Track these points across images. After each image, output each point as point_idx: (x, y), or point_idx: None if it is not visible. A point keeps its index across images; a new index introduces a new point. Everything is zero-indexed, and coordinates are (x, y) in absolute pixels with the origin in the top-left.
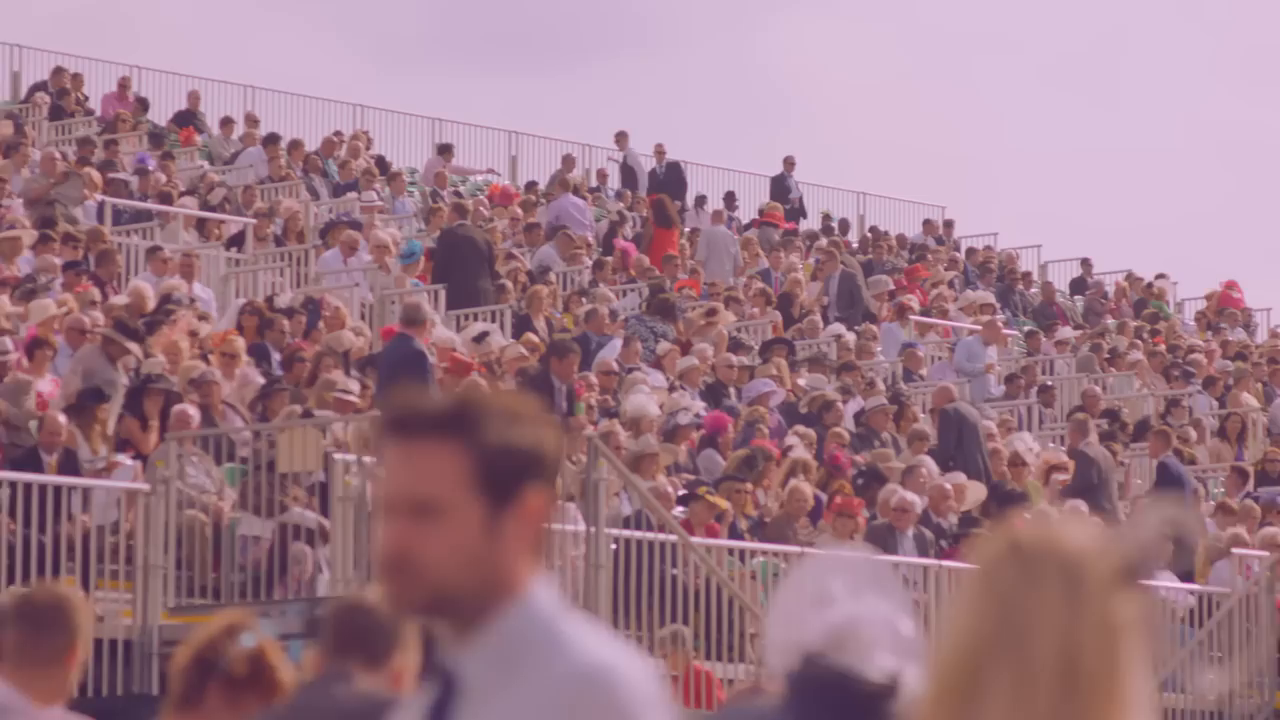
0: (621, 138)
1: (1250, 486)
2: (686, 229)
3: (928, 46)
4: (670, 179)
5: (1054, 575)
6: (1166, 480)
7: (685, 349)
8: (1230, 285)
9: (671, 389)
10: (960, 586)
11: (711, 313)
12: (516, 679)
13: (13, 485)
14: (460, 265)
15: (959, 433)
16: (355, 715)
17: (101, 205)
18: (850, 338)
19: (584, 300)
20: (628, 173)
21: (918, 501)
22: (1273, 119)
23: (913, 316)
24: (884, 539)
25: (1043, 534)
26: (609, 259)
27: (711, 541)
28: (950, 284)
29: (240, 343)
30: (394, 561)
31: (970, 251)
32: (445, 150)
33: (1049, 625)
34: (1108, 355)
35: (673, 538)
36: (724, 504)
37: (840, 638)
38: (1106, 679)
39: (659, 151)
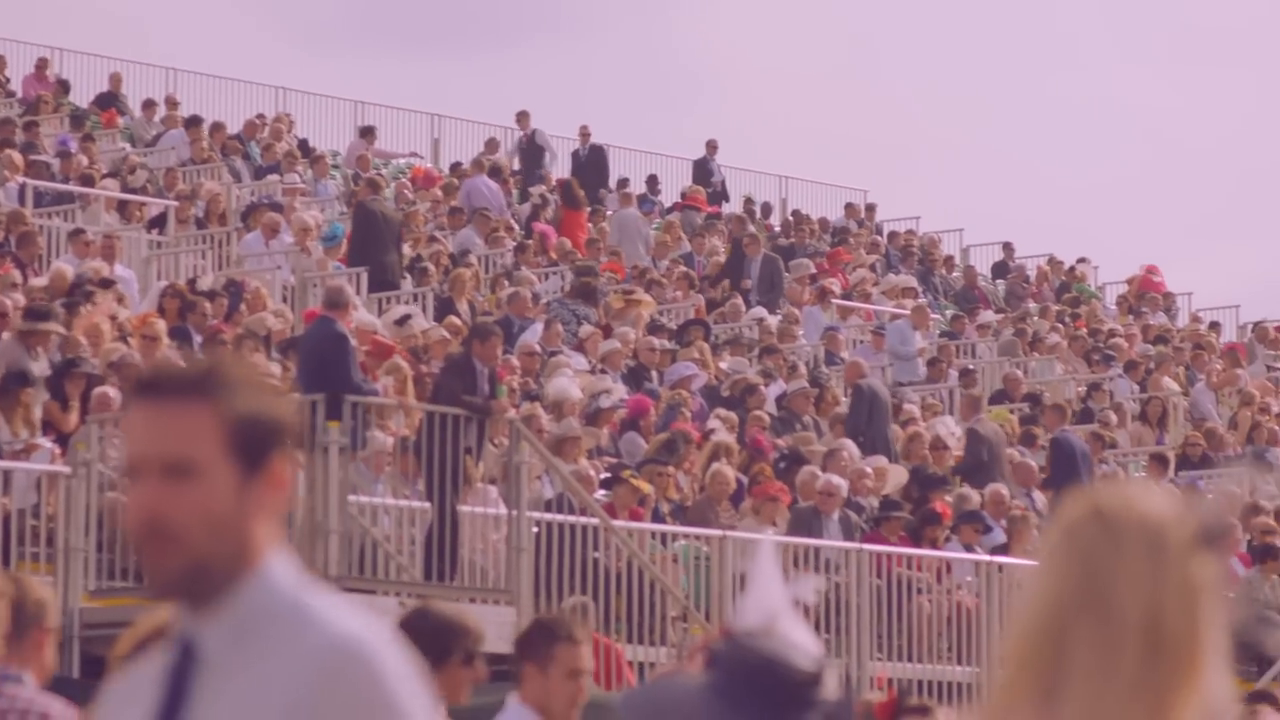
0: (523, 117)
1: (1171, 472)
2: (610, 212)
3: (848, 30)
4: (592, 161)
5: (1137, 538)
6: (1061, 454)
7: (607, 332)
8: (1151, 269)
9: (593, 372)
10: (1043, 549)
11: (629, 293)
12: (262, 652)
13: None
14: (376, 240)
15: (870, 408)
16: None
17: (23, 187)
18: (772, 321)
19: (507, 283)
20: (533, 152)
21: (843, 485)
22: (1195, 104)
23: (834, 300)
24: (809, 522)
25: (1124, 499)
26: (530, 242)
27: (633, 525)
28: (872, 268)
29: (161, 325)
30: (151, 526)
31: (892, 235)
32: (367, 133)
33: (1133, 586)
34: (1030, 339)
35: (594, 521)
36: (647, 487)
37: (764, 620)
38: (1188, 639)
39: (584, 134)
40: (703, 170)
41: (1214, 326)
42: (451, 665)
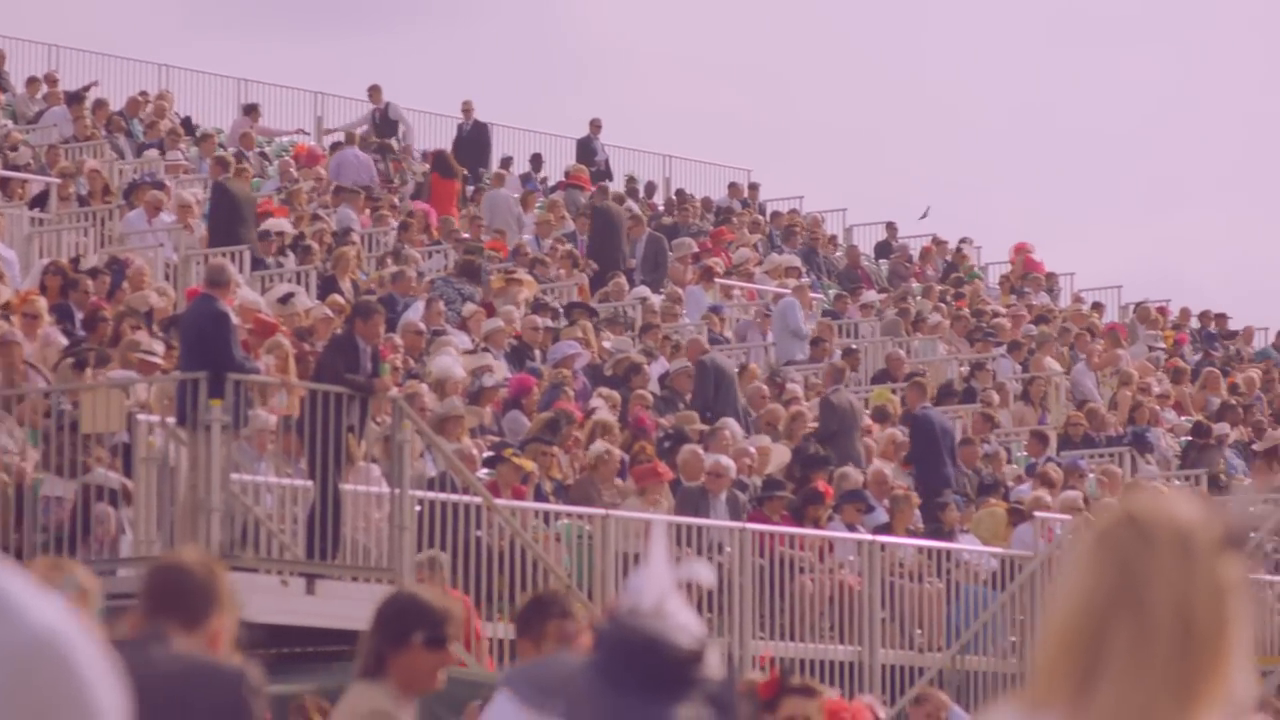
0: (375, 91)
1: (1051, 450)
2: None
3: (731, 9)
4: (475, 138)
5: (1168, 540)
6: (921, 430)
7: (490, 311)
8: (1021, 248)
9: (476, 351)
10: (1077, 551)
11: (510, 273)
12: None
13: None
14: (237, 218)
15: (716, 383)
16: (172, 678)
17: None
18: (656, 300)
19: (392, 261)
20: (387, 126)
21: (732, 466)
22: (1080, 86)
23: (718, 279)
24: (697, 502)
25: (1155, 504)
26: (413, 220)
27: (515, 504)
28: (755, 247)
29: (42, 303)
30: None
31: (775, 215)
32: (251, 110)
33: (1166, 586)
34: (913, 319)
35: (477, 500)
36: (530, 466)
37: (652, 600)
38: (1216, 636)
39: (466, 109)
40: (586, 149)
41: (1096, 307)
42: (412, 648)
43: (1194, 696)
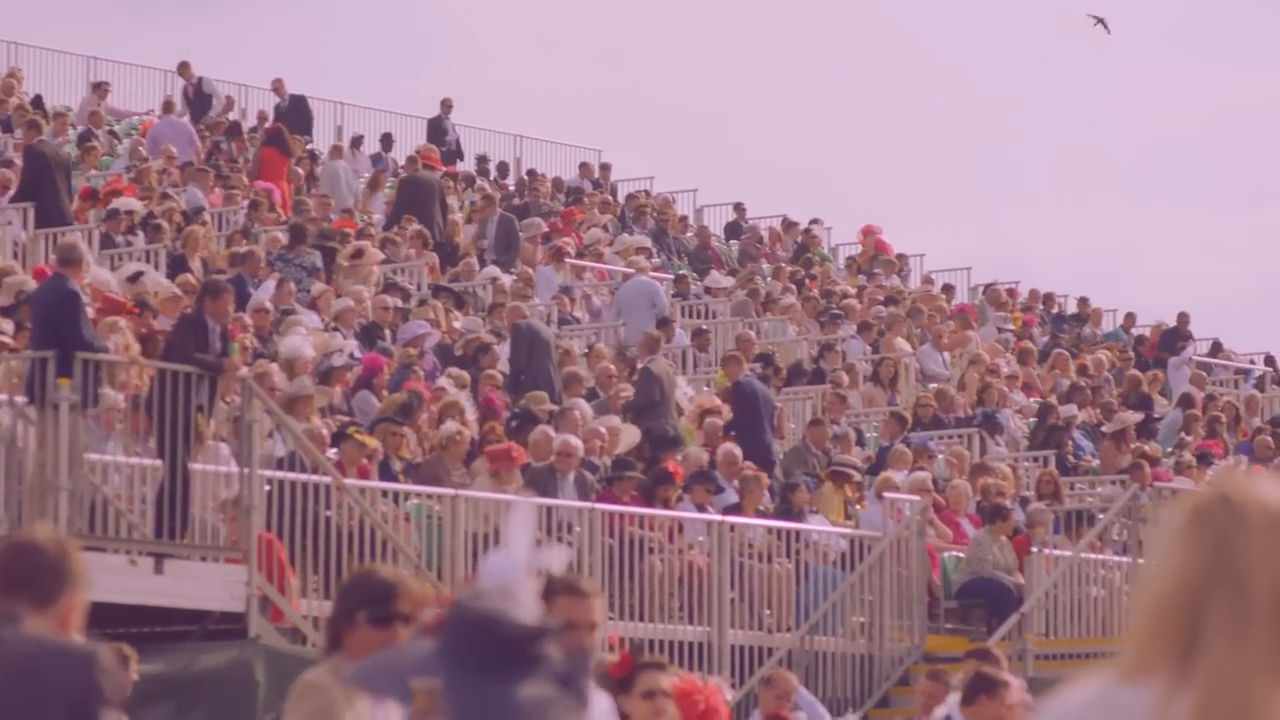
0: (185, 68)
1: (907, 431)
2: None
3: None
4: (294, 111)
5: (1263, 521)
6: (743, 398)
7: (340, 290)
8: (869, 230)
9: (326, 330)
10: (1170, 530)
11: (358, 254)
12: None
13: None
14: (47, 181)
15: (530, 348)
16: (24, 659)
17: None
18: (506, 280)
19: (244, 240)
20: (201, 101)
21: (580, 446)
22: (924, 66)
23: (568, 259)
24: (545, 482)
25: (1248, 487)
26: (261, 200)
27: (365, 483)
28: (606, 227)
29: None
30: None
31: (628, 196)
32: (99, 88)
33: (1262, 563)
34: (762, 300)
35: (326, 479)
36: (373, 443)
37: (503, 581)
38: None
39: (277, 86)
40: (437, 129)
41: (946, 289)
42: (358, 626)
43: None
